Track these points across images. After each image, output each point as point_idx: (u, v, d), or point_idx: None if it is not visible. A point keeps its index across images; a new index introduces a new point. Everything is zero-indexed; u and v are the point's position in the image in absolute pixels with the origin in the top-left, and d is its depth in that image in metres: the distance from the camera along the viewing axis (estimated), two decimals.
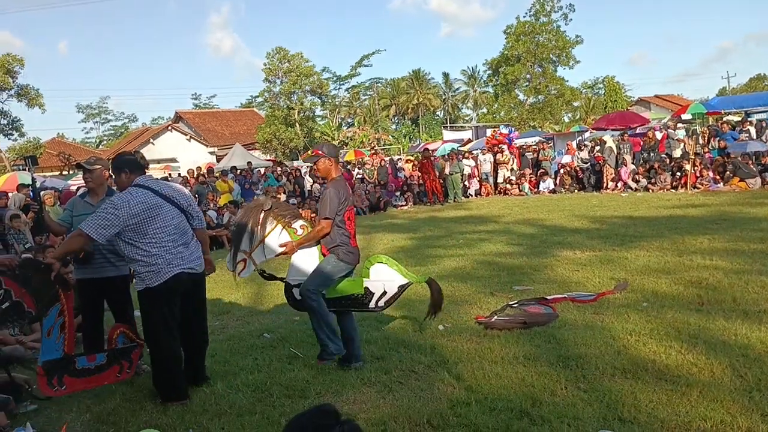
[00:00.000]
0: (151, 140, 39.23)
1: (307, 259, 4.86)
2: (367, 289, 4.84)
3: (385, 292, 4.81)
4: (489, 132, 29.24)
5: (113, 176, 4.60)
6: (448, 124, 46.76)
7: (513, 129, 27.53)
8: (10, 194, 13.52)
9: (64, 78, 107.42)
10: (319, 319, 4.78)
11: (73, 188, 16.73)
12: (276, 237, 4.92)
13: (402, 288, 4.85)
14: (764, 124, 18.34)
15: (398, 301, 4.98)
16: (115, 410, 4.34)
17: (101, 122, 70.39)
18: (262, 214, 4.93)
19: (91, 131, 70.19)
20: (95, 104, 68.53)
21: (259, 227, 4.92)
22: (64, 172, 29.61)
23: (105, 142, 66.29)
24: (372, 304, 4.86)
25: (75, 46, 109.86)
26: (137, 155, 4.62)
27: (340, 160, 26.98)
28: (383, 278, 4.84)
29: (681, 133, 19.35)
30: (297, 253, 4.86)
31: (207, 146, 40.55)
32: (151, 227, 4.20)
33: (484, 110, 54.04)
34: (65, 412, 4.41)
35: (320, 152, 4.83)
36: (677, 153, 18.23)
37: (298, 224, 4.92)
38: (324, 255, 4.79)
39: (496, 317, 5.63)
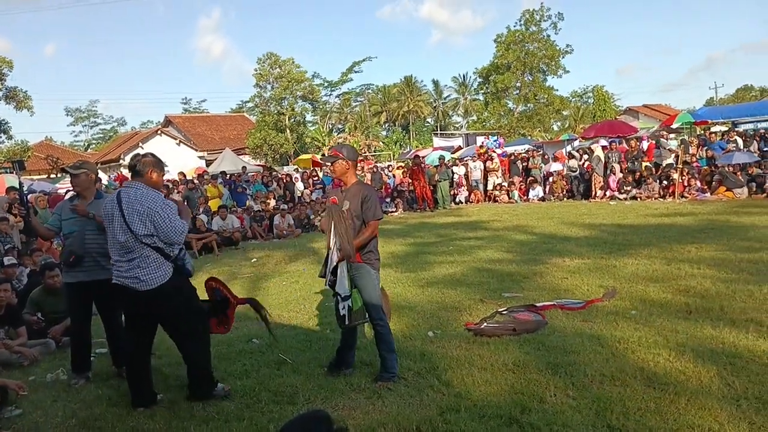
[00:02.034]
0: (141, 144, 38.98)
1: (341, 269, 4.48)
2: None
3: None
4: (479, 140, 29.38)
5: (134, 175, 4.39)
6: (439, 132, 46.83)
7: (498, 138, 27.66)
8: None
9: (53, 81, 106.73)
10: (390, 343, 4.60)
11: (62, 191, 16.61)
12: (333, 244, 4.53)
13: None
14: (754, 135, 18.55)
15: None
16: (102, 416, 4.30)
17: (90, 126, 70.06)
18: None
19: (79, 134, 69.87)
20: (84, 107, 68.31)
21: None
22: (52, 176, 29.40)
23: (94, 145, 65.91)
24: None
25: (64, 49, 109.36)
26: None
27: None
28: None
29: (674, 144, 19.48)
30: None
31: (197, 151, 40.38)
32: None
33: (474, 118, 54.24)
34: (51, 417, 4.36)
35: (339, 153, 4.72)
36: (667, 161, 18.32)
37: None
38: (358, 260, 4.52)
39: (485, 324, 5.65)
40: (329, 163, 4.92)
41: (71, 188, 5.36)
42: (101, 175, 20.58)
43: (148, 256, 4.19)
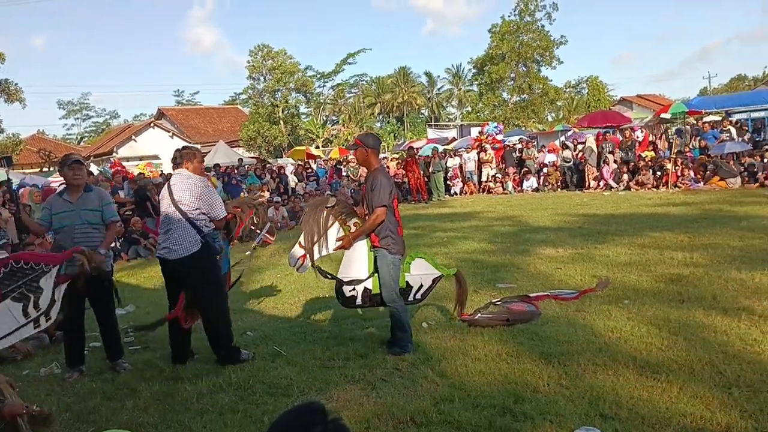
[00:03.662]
0: (133, 137, 38.77)
1: (357, 253, 4.96)
2: (407, 283, 5.10)
3: (422, 285, 5.14)
4: (474, 131, 29.30)
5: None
6: (433, 123, 46.74)
7: (498, 125, 27.54)
8: None
9: (45, 74, 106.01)
10: (403, 324, 4.90)
11: (54, 185, 16.50)
12: (334, 233, 5.00)
13: (436, 281, 5.29)
14: (749, 125, 18.58)
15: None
16: (96, 409, 4.30)
17: (82, 119, 69.60)
18: (324, 212, 4.99)
19: (72, 128, 69.46)
20: (76, 100, 67.77)
21: (319, 224, 4.98)
22: (44, 169, 29.26)
23: (86, 138, 65.54)
24: (411, 297, 5.16)
25: (56, 42, 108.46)
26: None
27: (325, 157, 26.63)
28: (422, 272, 5.20)
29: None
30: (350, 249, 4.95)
31: (190, 143, 40.14)
32: None
33: (469, 109, 54.14)
34: None
35: (360, 141, 5.00)
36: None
37: (352, 222, 5.01)
38: (374, 245, 4.85)
39: (479, 314, 5.66)
40: (353, 150, 5.33)
41: (63, 181, 5.33)
42: (93, 167, 20.44)
43: (184, 228, 4.84)
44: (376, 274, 4.92)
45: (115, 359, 5.23)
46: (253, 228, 5.44)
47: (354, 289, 4.98)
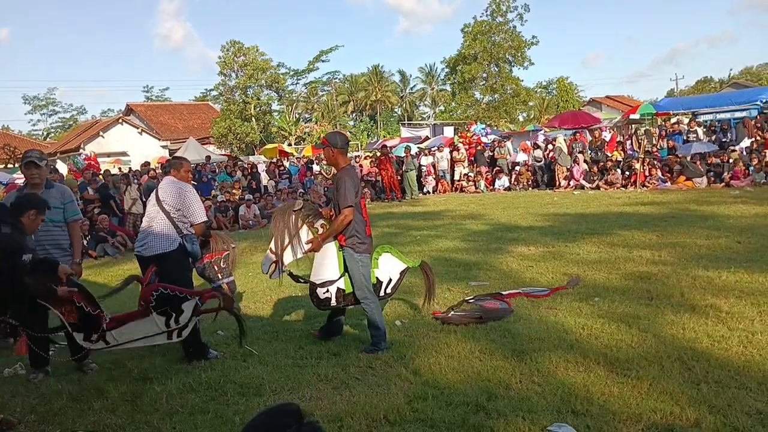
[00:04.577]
0: (101, 133, 38.04)
1: (327, 255, 4.97)
2: (377, 278, 5.09)
3: (390, 279, 5.16)
4: (447, 130, 29.43)
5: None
6: (406, 122, 46.85)
7: (485, 127, 27.78)
8: None
9: (9, 67, 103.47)
10: (377, 320, 4.92)
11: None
12: (303, 236, 5.00)
13: (403, 273, 5.33)
14: (716, 127, 18.98)
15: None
16: (62, 410, 4.19)
17: (49, 114, 68.08)
18: (293, 216, 4.98)
19: (38, 123, 67.93)
20: (42, 95, 66.21)
21: (289, 228, 4.98)
22: (9, 165, 28.57)
23: (52, 134, 64.14)
24: (382, 293, 5.15)
25: (21, 35, 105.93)
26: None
27: (298, 155, 26.46)
28: (389, 266, 5.22)
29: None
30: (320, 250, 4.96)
31: (159, 140, 39.57)
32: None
33: (442, 108, 54.39)
34: (9, 414, 4.22)
35: (327, 141, 5.01)
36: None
37: (319, 223, 5.02)
38: (342, 245, 4.88)
39: (452, 312, 5.68)
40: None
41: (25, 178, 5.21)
42: (60, 165, 19.99)
43: (162, 224, 4.98)
44: (347, 274, 4.93)
45: (82, 359, 5.11)
46: (216, 269, 5.37)
47: (327, 290, 4.97)
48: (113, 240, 12.73)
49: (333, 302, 4.99)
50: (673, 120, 21.99)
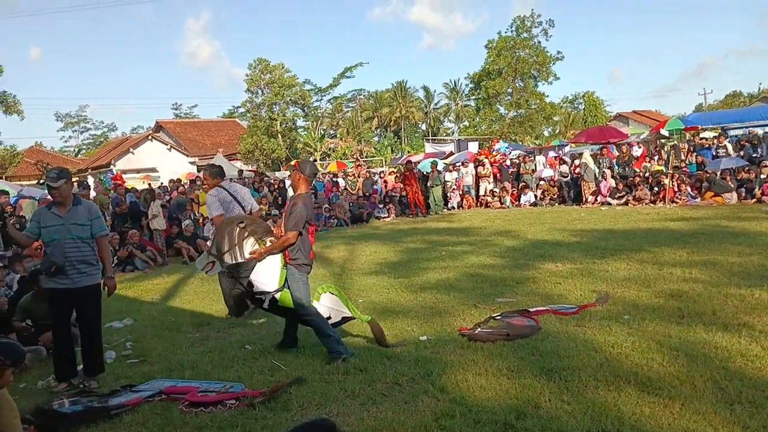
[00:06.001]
0: (131, 150, 38.81)
1: (272, 264, 5.28)
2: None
3: (329, 318, 5.39)
4: (471, 146, 29.43)
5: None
6: (430, 138, 46.89)
7: (509, 146, 27.84)
8: None
9: (42, 86, 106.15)
10: (323, 329, 5.22)
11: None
12: (249, 247, 5.38)
13: (345, 320, 5.60)
14: (739, 141, 18.66)
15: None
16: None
17: (80, 131, 69.54)
18: (237, 229, 5.40)
19: (69, 140, 69.38)
20: (74, 113, 67.70)
21: (232, 237, 5.39)
22: (41, 181, 29.20)
23: (84, 150, 65.50)
24: None
25: (54, 54, 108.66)
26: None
27: (323, 170, 26.80)
28: (331, 306, 5.50)
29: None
30: (264, 260, 5.28)
31: (188, 156, 40.22)
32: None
33: (466, 123, 54.35)
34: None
35: (298, 166, 5.58)
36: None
37: (268, 239, 5.40)
38: (287, 262, 5.26)
39: (479, 329, 5.65)
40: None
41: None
42: (91, 180, 20.34)
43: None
44: (286, 289, 5.26)
45: (91, 374, 5.16)
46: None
47: (264, 296, 5.34)
48: (143, 255, 12.90)
49: (265, 305, 5.38)
50: (703, 134, 21.70)
